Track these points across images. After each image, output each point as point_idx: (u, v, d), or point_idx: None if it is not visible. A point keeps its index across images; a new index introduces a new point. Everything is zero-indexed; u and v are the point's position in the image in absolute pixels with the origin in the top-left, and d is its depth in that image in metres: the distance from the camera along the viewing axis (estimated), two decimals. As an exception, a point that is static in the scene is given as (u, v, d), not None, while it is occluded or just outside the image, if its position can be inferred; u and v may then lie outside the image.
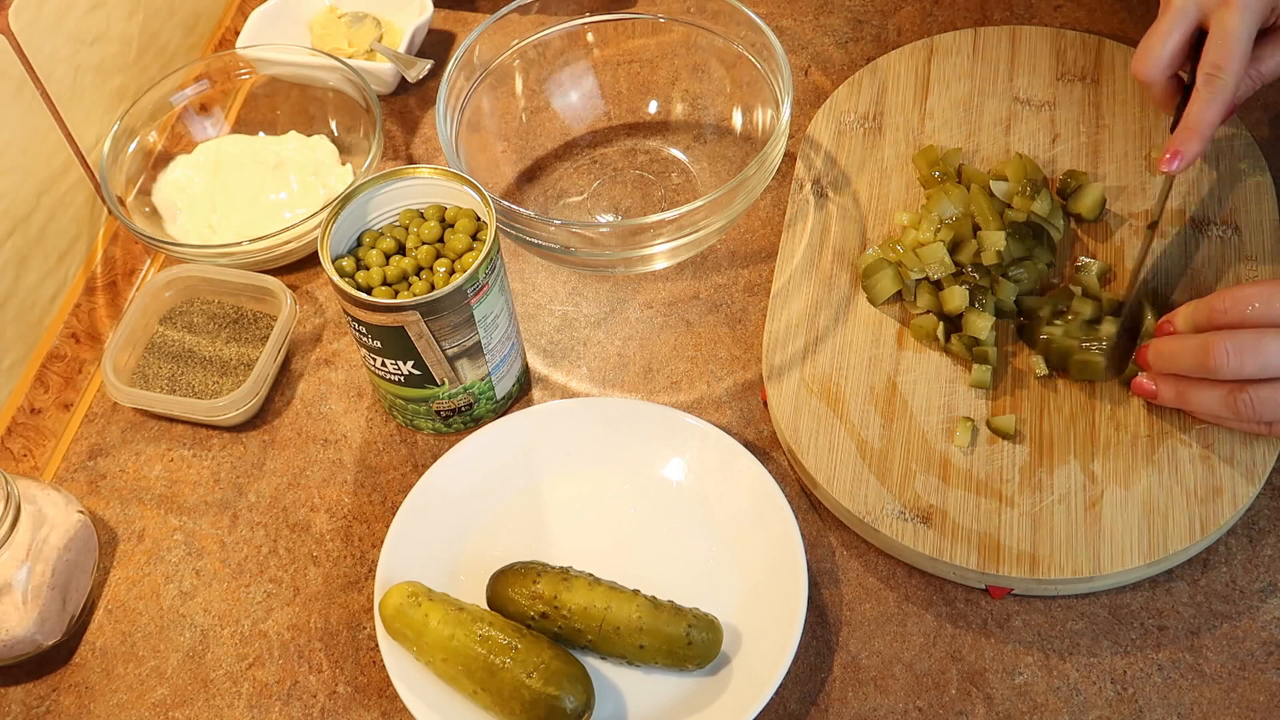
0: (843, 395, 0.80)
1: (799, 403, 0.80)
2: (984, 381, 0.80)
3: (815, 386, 0.80)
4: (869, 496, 0.76)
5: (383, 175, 0.81)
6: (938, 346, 0.82)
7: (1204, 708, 0.72)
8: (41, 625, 0.76)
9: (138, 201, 0.97)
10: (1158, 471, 0.75)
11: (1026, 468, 0.76)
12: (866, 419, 0.79)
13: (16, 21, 0.84)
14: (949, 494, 0.76)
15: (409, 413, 0.85)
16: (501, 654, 0.70)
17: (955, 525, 0.75)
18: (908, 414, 0.79)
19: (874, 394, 0.80)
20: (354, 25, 1.07)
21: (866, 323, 0.83)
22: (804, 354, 0.82)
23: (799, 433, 0.79)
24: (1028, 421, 0.78)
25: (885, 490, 0.76)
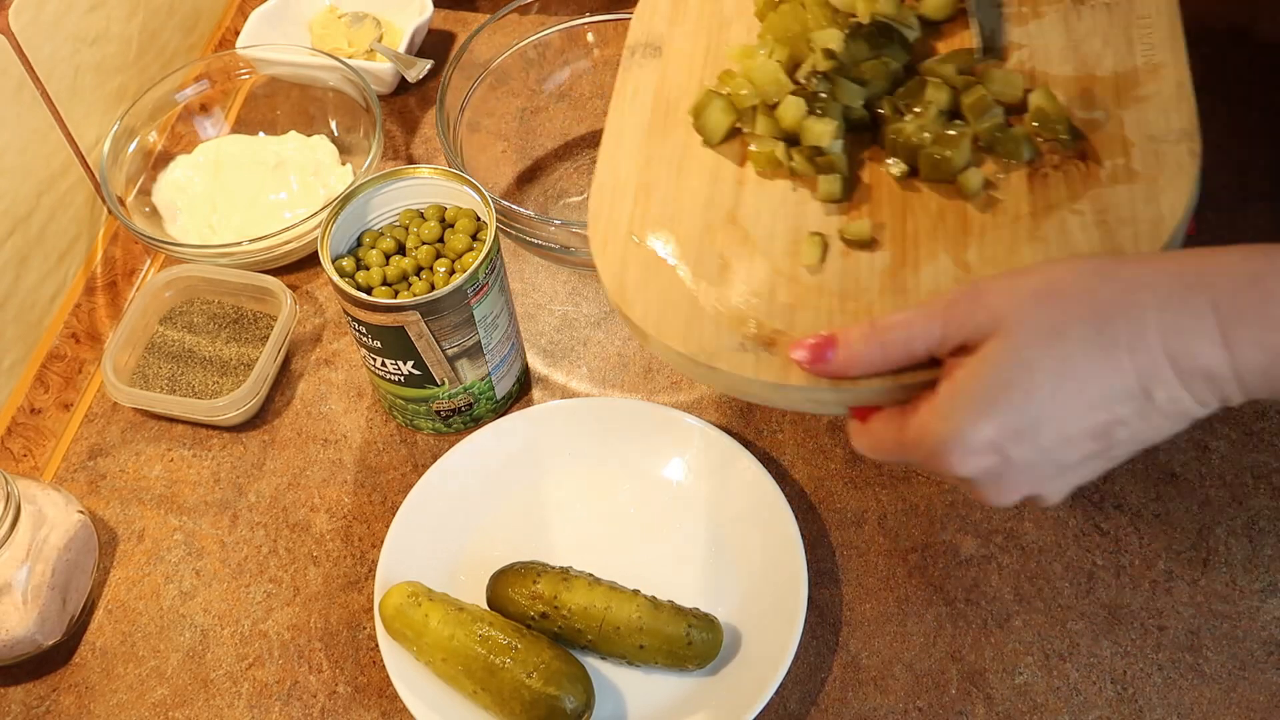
0: (676, 239, 0.70)
1: (626, 257, 0.69)
2: (833, 193, 0.70)
3: (644, 238, 0.70)
4: (704, 334, 0.65)
5: (383, 175, 0.81)
6: (784, 172, 0.72)
7: (1204, 708, 0.72)
8: (41, 625, 0.76)
9: (138, 201, 0.97)
10: (1044, 246, 0.65)
11: (888, 271, 0.66)
12: (703, 259, 0.68)
13: (16, 21, 0.84)
14: (796, 315, 0.65)
15: (409, 413, 0.85)
16: (501, 654, 0.70)
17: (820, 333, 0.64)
18: (749, 244, 0.69)
19: (711, 232, 0.70)
20: (354, 25, 1.07)
21: (703, 167, 0.73)
22: (632, 210, 0.71)
23: (625, 287, 0.68)
24: (887, 227, 0.68)
25: (722, 324, 0.65)
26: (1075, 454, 0.54)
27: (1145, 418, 0.53)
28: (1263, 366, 0.51)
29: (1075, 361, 0.52)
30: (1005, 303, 0.54)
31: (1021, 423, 0.53)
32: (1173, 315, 0.51)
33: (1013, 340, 0.53)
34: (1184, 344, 0.51)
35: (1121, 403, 0.52)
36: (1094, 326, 0.52)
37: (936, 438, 0.55)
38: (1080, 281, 0.54)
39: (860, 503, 0.81)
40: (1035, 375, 0.53)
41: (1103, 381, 0.52)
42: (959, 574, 0.78)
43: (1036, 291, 0.54)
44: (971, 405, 0.54)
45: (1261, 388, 0.52)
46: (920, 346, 0.57)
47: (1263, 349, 0.51)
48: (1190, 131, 0.65)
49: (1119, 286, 0.53)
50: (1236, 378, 0.51)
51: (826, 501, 0.81)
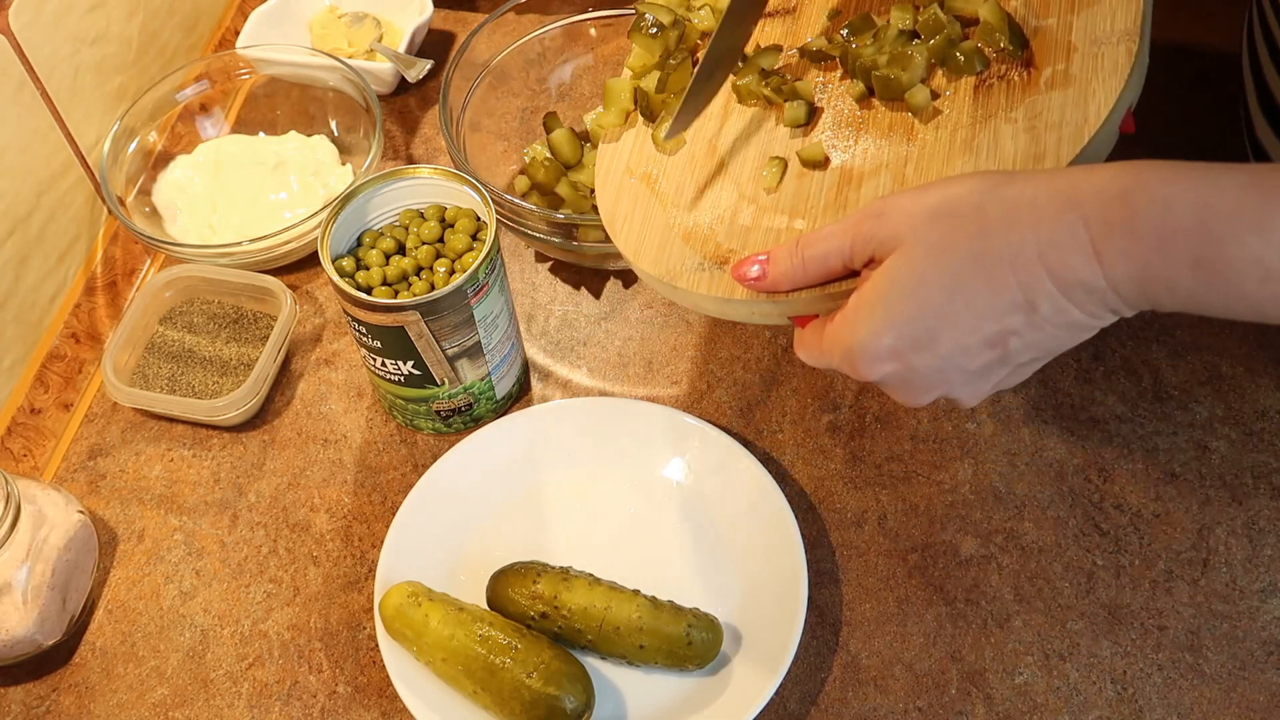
0: (663, 170, 0.75)
1: (620, 190, 0.76)
2: (797, 118, 0.73)
3: (638, 171, 0.76)
4: (671, 257, 0.71)
5: (383, 175, 0.81)
6: (761, 102, 0.76)
7: (1204, 708, 0.72)
8: (41, 625, 0.76)
9: (138, 201, 0.97)
10: (974, 156, 0.67)
11: (833, 189, 0.70)
12: (682, 188, 0.74)
13: (16, 21, 0.84)
14: (750, 236, 0.70)
15: (409, 413, 0.85)
16: (501, 654, 0.70)
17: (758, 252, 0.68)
18: (722, 171, 0.74)
19: (693, 162, 0.75)
20: (354, 25, 1.07)
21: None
22: (632, 147, 0.77)
23: (615, 216, 0.75)
24: (840, 146, 0.72)
25: (688, 247, 0.71)
26: (975, 362, 0.58)
27: (1036, 328, 0.56)
28: (1132, 276, 0.53)
29: (964, 276, 0.56)
30: (904, 221, 0.58)
31: (918, 332, 0.57)
32: (1048, 230, 0.54)
33: (908, 256, 0.57)
34: (1059, 257, 0.54)
35: (1009, 314, 0.56)
36: (980, 243, 0.56)
37: (844, 345, 0.60)
38: (970, 199, 0.57)
39: (860, 503, 0.81)
40: (927, 289, 0.57)
41: (990, 295, 0.56)
42: (959, 574, 0.78)
43: (932, 210, 0.57)
44: (872, 316, 0.58)
45: (1138, 298, 0.55)
46: (835, 262, 0.61)
47: (1130, 260, 0.53)
48: (1132, 31, 0.65)
49: (1004, 205, 0.56)
50: (1112, 287, 0.54)
51: (826, 501, 0.81)
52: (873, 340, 0.58)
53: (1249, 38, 0.83)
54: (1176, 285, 0.53)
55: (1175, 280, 0.53)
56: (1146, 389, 0.84)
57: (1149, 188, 0.53)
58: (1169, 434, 0.82)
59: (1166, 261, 0.53)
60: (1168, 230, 0.53)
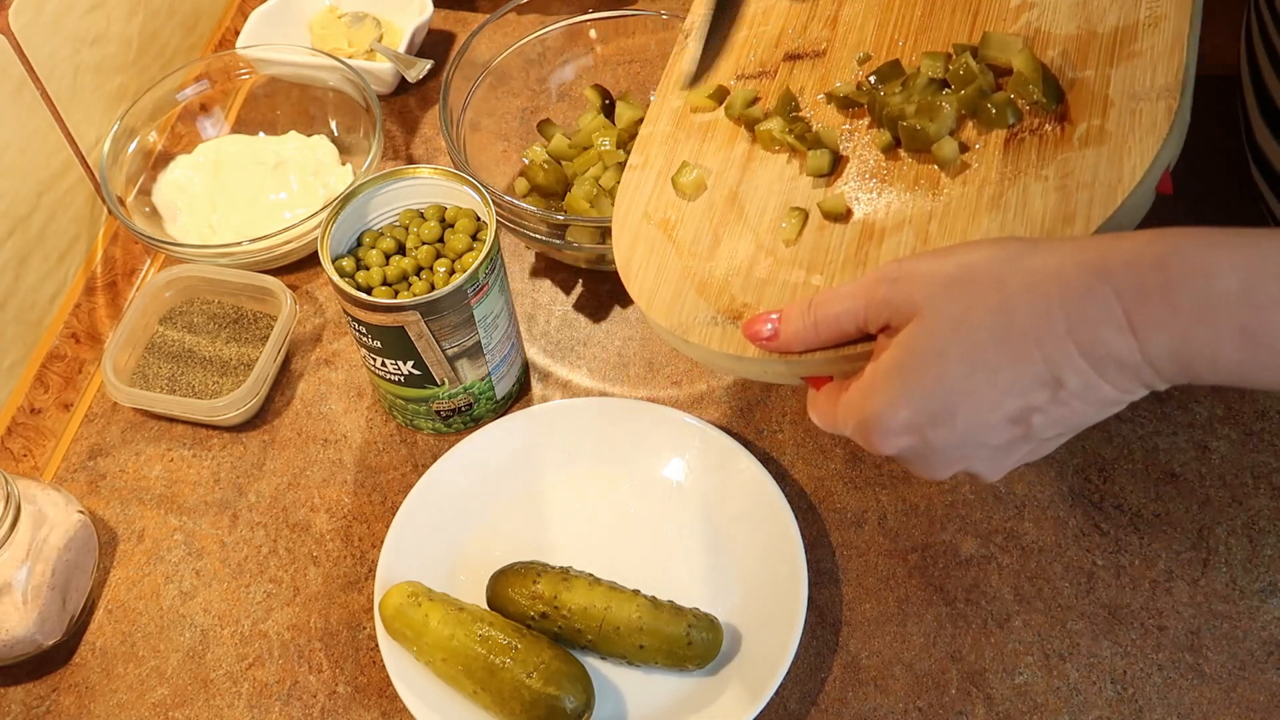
0: (681, 218, 0.73)
1: (637, 236, 0.73)
2: (820, 168, 0.71)
3: (656, 217, 0.73)
4: (684, 309, 0.68)
5: (383, 175, 0.81)
6: (785, 149, 0.74)
7: (1204, 708, 0.72)
8: (41, 625, 0.76)
9: (138, 201, 0.97)
10: (1001, 214, 0.64)
11: (854, 243, 0.67)
12: (700, 236, 0.71)
13: (16, 21, 0.84)
14: (765, 290, 0.67)
15: (409, 413, 0.85)
16: (501, 654, 0.70)
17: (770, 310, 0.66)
18: (742, 220, 0.71)
19: (712, 210, 0.73)
20: (354, 25, 1.07)
21: (719, 147, 0.75)
22: (652, 190, 0.75)
23: (631, 265, 0.72)
24: (864, 199, 0.69)
25: (702, 300, 0.68)
26: (997, 438, 0.55)
27: (1063, 404, 0.54)
28: (1171, 351, 0.51)
29: (985, 350, 0.53)
30: (921, 289, 0.55)
31: (935, 408, 0.54)
32: (1077, 303, 0.52)
33: (926, 327, 0.54)
34: (1090, 332, 0.51)
35: (1034, 391, 0.53)
36: (1002, 316, 0.53)
37: (860, 417, 0.57)
38: (992, 269, 0.54)
39: (860, 503, 0.81)
40: (946, 363, 0.54)
41: (1013, 370, 0.53)
42: (959, 574, 0.78)
43: (951, 278, 0.55)
44: (889, 388, 0.55)
45: (1177, 373, 0.52)
46: (848, 325, 0.59)
47: (1169, 333, 0.50)
48: (1173, 88, 0.62)
49: (1027, 276, 0.53)
50: (1148, 363, 0.51)
51: (826, 501, 0.81)
52: (889, 413, 0.55)
53: (1247, 43, 0.83)
54: (1220, 358, 0.50)
55: (1219, 353, 0.50)
56: (1146, 389, 0.84)
57: (1186, 255, 0.50)
58: (1169, 434, 0.82)
59: (1209, 333, 0.50)
60: (1210, 300, 0.49)
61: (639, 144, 0.78)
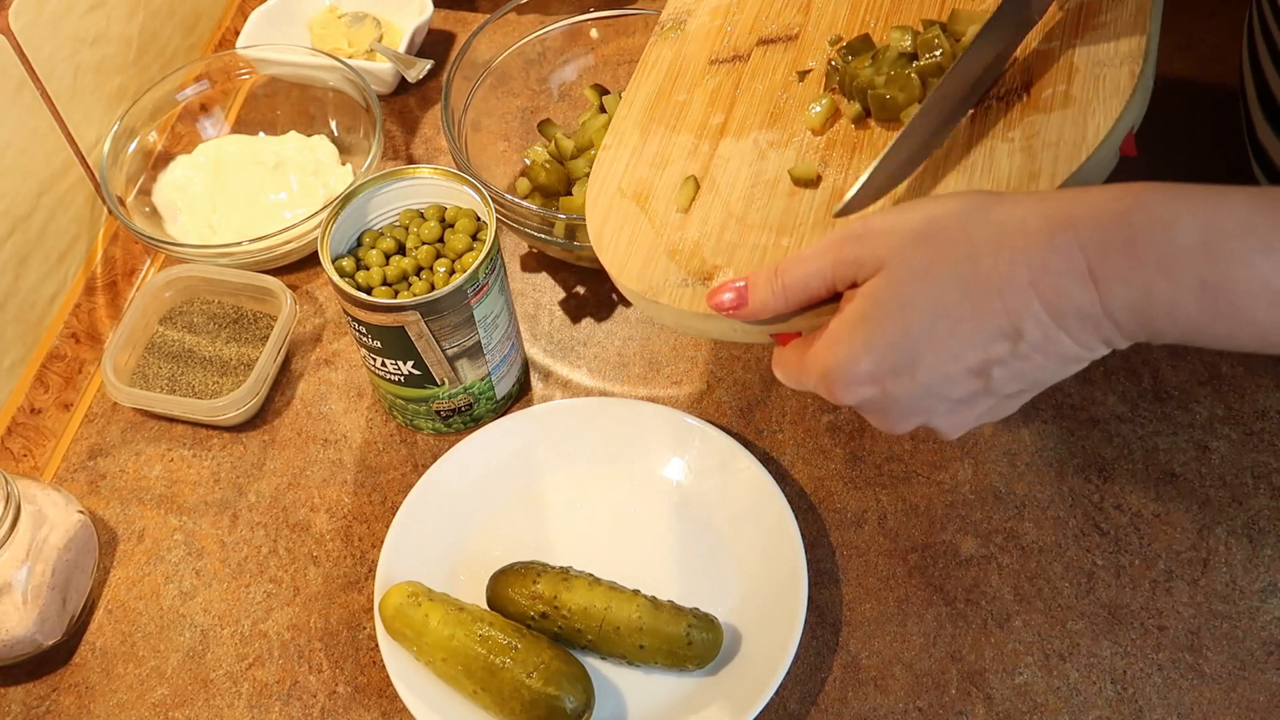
0: (653, 189, 0.74)
1: (610, 209, 0.74)
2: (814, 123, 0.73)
3: (630, 190, 0.74)
4: (655, 273, 0.69)
5: (383, 175, 0.81)
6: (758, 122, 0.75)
7: (1204, 708, 0.72)
8: (41, 625, 0.76)
9: (138, 201, 0.97)
10: (968, 175, 0.66)
11: (823, 206, 0.69)
12: (671, 206, 0.73)
13: (16, 21, 0.84)
14: (736, 251, 0.69)
15: (409, 413, 0.85)
16: (501, 654, 0.70)
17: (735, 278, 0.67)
18: (713, 191, 0.72)
19: (686, 182, 0.73)
20: (354, 25, 1.07)
21: (693, 123, 0.77)
22: (625, 167, 0.76)
23: (603, 234, 0.73)
24: (834, 164, 0.71)
25: (672, 264, 0.70)
26: (957, 391, 0.56)
27: (1023, 357, 0.54)
28: (1132, 303, 0.51)
29: (948, 301, 0.54)
30: (885, 242, 0.56)
31: (898, 358, 0.55)
32: (1041, 255, 0.52)
33: (891, 279, 0.55)
34: (1053, 283, 0.52)
35: (995, 342, 0.54)
36: (966, 267, 0.53)
37: (822, 368, 0.58)
38: (956, 221, 0.55)
39: (860, 503, 0.81)
40: (909, 313, 0.54)
41: (975, 321, 0.53)
42: (959, 574, 0.78)
43: (915, 231, 0.55)
44: (852, 339, 0.56)
45: (1137, 327, 0.52)
46: (817, 286, 0.59)
47: (1130, 286, 0.51)
48: (1135, 54, 0.64)
49: (992, 228, 0.54)
50: (1108, 315, 0.52)
51: (826, 501, 0.81)
52: (850, 363, 0.56)
53: (1249, 38, 0.83)
54: (1179, 311, 0.51)
55: (1178, 306, 0.51)
56: (1146, 389, 0.84)
57: (1150, 208, 0.51)
58: (1169, 434, 0.82)
59: (1170, 286, 0.50)
60: (1171, 252, 0.50)
61: (613, 128, 0.78)
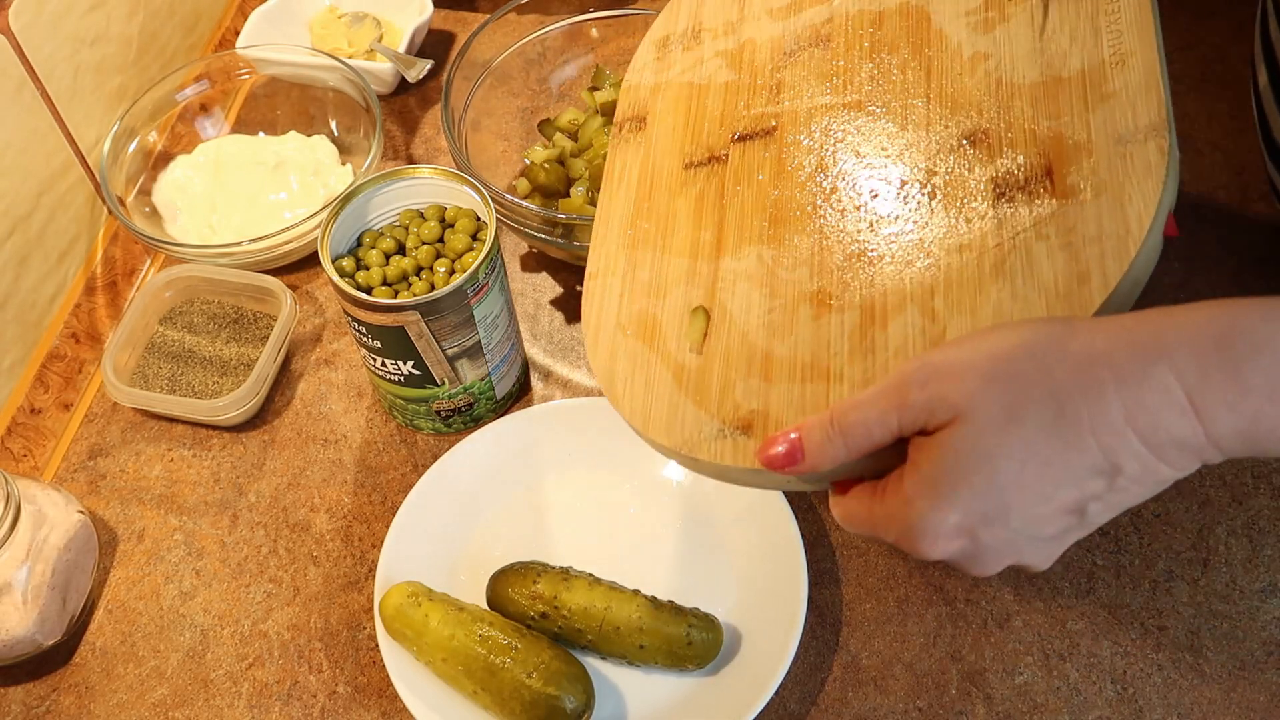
0: (659, 324, 0.68)
1: (615, 350, 0.68)
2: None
3: (631, 326, 0.69)
4: (685, 424, 0.64)
5: (383, 175, 0.81)
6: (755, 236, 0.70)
7: (1204, 708, 0.72)
8: (41, 625, 0.76)
9: (138, 201, 0.97)
10: (1009, 281, 0.61)
11: (856, 331, 0.63)
12: (683, 341, 0.67)
13: (16, 21, 0.84)
14: (771, 392, 0.63)
15: (409, 413, 0.85)
16: (501, 654, 0.70)
17: (779, 424, 0.62)
18: (726, 319, 0.67)
19: (692, 311, 0.68)
20: (354, 25, 1.07)
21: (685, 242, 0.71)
22: (620, 300, 0.70)
23: (614, 381, 0.67)
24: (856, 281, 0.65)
25: (702, 412, 0.64)
26: (1050, 529, 0.53)
27: (1121, 490, 0.52)
28: (1239, 430, 0.49)
29: (1036, 446, 0.51)
30: (958, 388, 0.52)
31: (987, 508, 0.52)
32: (1134, 390, 0.50)
33: (971, 427, 0.52)
34: (1151, 419, 0.49)
35: (1090, 480, 0.51)
36: (1052, 409, 0.51)
37: (904, 525, 0.54)
38: (1032, 359, 0.52)
39: (860, 503, 0.81)
40: (996, 463, 0.51)
41: (1068, 463, 0.51)
42: (959, 574, 0.78)
43: (988, 374, 0.52)
44: (936, 494, 0.53)
45: (1241, 449, 0.50)
46: (880, 434, 0.55)
47: (1237, 414, 0.49)
48: (1159, 125, 0.60)
49: (1074, 363, 0.51)
50: (1213, 443, 0.50)
51: (826, 501, 0.81)
52: (936, 519, 0.52)
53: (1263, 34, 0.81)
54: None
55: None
56: (1146, 389, 0.84)
57: (1250, 331, 0.48)
58: (1169, 434, 0.82)
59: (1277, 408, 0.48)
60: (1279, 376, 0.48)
61: (594, 248, 0.73)
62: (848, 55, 0.73)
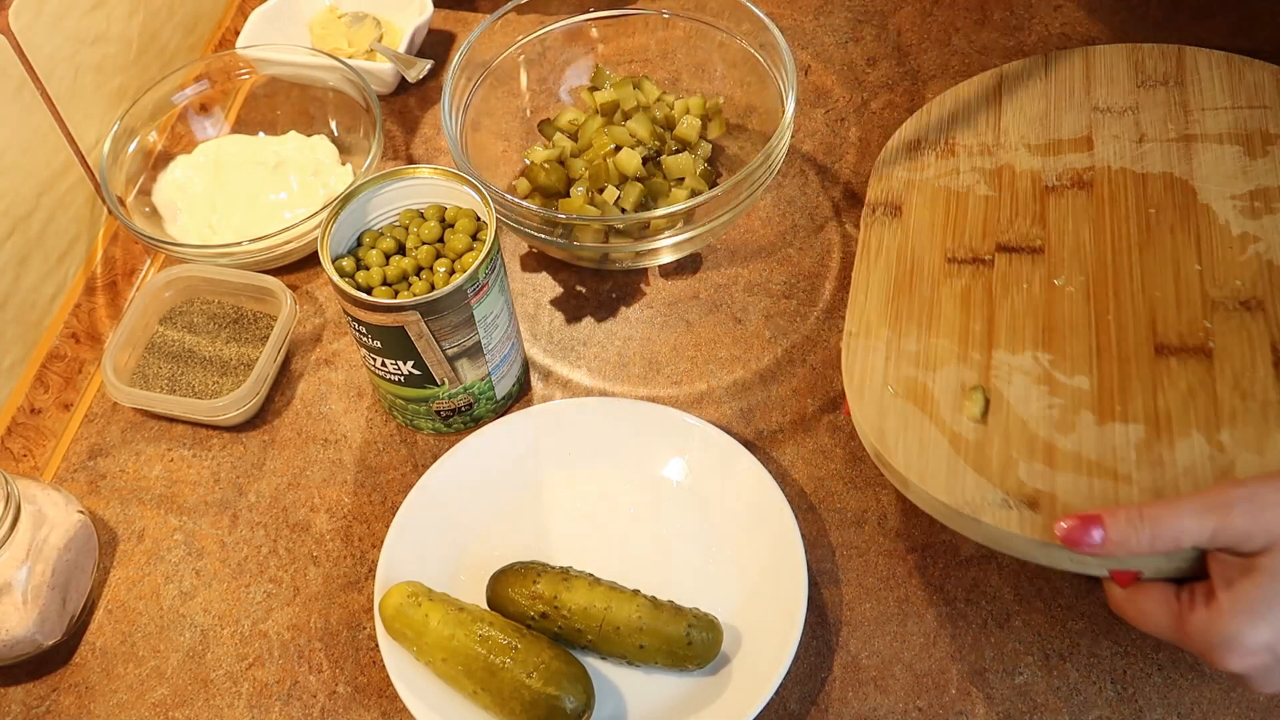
0: (930, 393, 0.75)
1: (884, 407, 0.74)
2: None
3: (901, 389, 0.75)
4: (967, 489, 0.70)
5: (383, 175, 0.81)
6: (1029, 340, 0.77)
7: (1204, 708, 0.72)
8: (41, 625, 0.76)
9: (138, 201, 0.97)
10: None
11: (1143, 444, 0.70)
12: (959, 413, 0.74)
13: (16, 21, 0.84)
14: (1057, 477, 0.70)
15: (409, 413, 0.85)
16: (502, 654, 0.70)
17: (1066, 507, 0.68)
18: (1004, 405, 0.74)
19: (965, 390, 0.75)
20: (354, 25, 1.07)
21: (952, 327, 0.78)
22: (885, 364, 0.76)
23: (885, 435, 0.73)
24: (1139, 400, 0.73)
25: (984, 480, 0.70)
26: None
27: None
28: None
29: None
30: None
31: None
32: None
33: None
34: None
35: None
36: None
37: (1216, 638, 0.61)
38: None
39: (860, 503, 0.81)
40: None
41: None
42: (959, 574, 0.78)
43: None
44: (1252, 614, 0.60)
45: None
46: (1189, 541, 0.62)
47: None
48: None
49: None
50: None
51: (826, 501, 0.81)
52: (1252, 634, 0.60)
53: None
54: None
55: None
56: (1146, 389, 0.84)
57: None
58: (1169, 434, 0.82)
59: None
60: None
61: (852, 312, 0.80)
62: (1112, 205, 0.82)
